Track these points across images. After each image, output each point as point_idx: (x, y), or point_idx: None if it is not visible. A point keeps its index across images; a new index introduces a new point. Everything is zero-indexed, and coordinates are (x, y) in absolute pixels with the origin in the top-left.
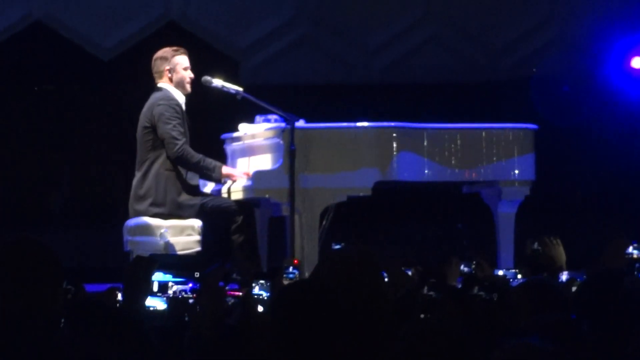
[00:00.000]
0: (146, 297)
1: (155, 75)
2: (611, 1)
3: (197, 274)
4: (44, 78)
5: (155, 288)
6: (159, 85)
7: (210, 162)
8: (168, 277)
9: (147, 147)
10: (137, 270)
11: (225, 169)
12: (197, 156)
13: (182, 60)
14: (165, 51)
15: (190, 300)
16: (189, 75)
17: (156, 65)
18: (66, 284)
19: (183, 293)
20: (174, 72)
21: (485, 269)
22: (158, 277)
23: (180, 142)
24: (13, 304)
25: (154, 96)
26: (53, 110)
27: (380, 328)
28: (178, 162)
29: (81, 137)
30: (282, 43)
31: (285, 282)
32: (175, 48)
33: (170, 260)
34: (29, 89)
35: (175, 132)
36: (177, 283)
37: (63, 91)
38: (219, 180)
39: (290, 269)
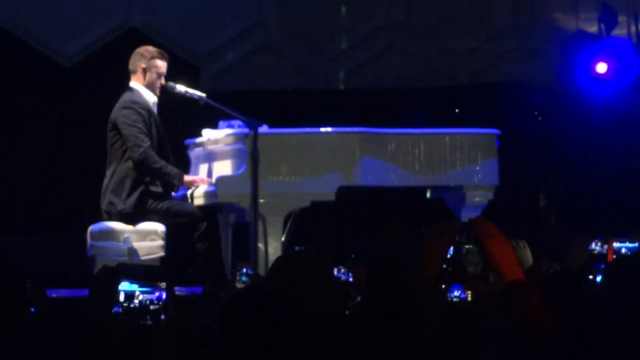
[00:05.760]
0: (112, 307)
1: (130, 70)
2: (574, 7)
3: (163, 284)
4: (5, 84)
5: (121, 298)
6: (131, 83)
7: (172, 169)
8: (135, 287)
9: (115, 147)
10: (103, 280)
11: (187, 177)
12: (159, 162)
13: (160, 64)
14: (147, 49)
15: (152, 307)
16: (160, 81)
17: (134, 59)
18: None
19: (148, 301)
20: (149, 72)
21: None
22: (124, 286)
23: (143, 147)
24: None
25: (123, 98)
26: (15, 116)
27: (336, 331)
28: (140, 165)
29: (44, 142)
30: (243, 49)
31: (239, 284)
32: (158, 50)
33: (136, 270)
34: None
35: (139, 136)
36: (143, 292)
37: (25, 97)
38: (180, 185)
39: (244, 270)
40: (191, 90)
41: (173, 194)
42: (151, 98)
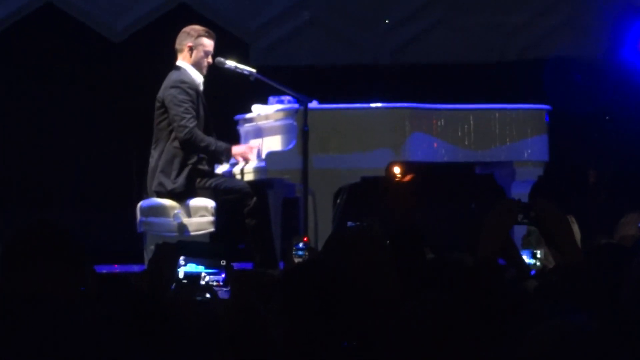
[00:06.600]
0: (171, 285)
1: (177, 49)
2: None
3: (223, 262)
4: (55, 60)
5: (181, 275)
6: (178, 62)
7: (220, 145)
8: (200, 268)
9: (162, 126)
10: (162, 257)
11: (235, 149)
12: (206, 140)
13: (206, 43)
14: (193, 28)
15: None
16: (207, 60)
17: (180, 38)
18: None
19: (214, 283)
20: (195, 51)
21: None
22: (189, 268)
23: (189, 127)
24: (33, 287)
25: (170, 77)
26: (64, 92)
27: (388, 305)
28: (186, 145)
29: (93, 118)
30: (292, 25)
31: (295, 258)
32: (205, 29)
33: (197, 247)
34: (40, 71)
35: (186, 116)
36: (209, 274)
37: (74, 73)
38: (228, 161)
39: (300, 245)
40: (241, 66)
41: (223, 170)
42: (198, 77)
